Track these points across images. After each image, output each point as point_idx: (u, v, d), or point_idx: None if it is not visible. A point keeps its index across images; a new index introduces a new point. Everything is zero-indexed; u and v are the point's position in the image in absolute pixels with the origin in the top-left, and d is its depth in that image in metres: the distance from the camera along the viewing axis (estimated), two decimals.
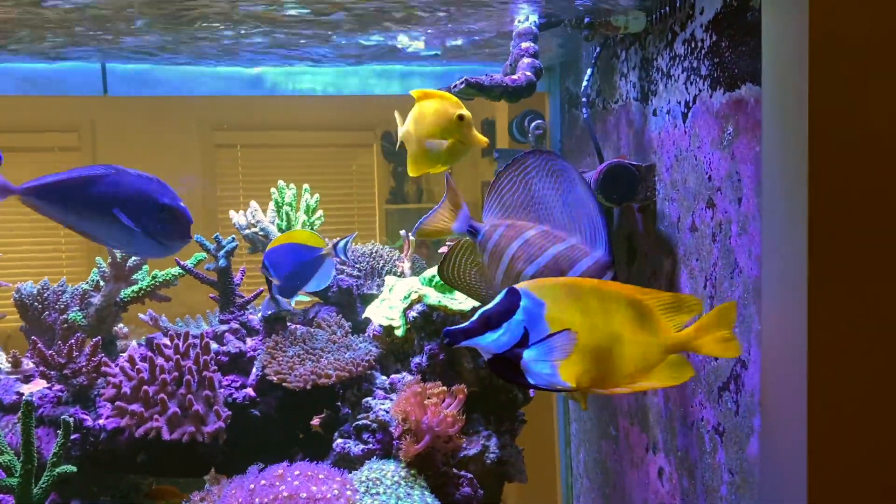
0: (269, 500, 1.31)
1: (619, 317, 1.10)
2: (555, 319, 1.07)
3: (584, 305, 1.09)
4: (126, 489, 1.75)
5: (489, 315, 1.07)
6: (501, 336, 1.06)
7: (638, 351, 1.10)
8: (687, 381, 1.61)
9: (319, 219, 1.90)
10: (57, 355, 1.58)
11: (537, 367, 1.06)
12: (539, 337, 1.07)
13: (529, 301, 1.07)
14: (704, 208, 1.51)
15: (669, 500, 1.73)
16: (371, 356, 1.63)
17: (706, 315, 1.16)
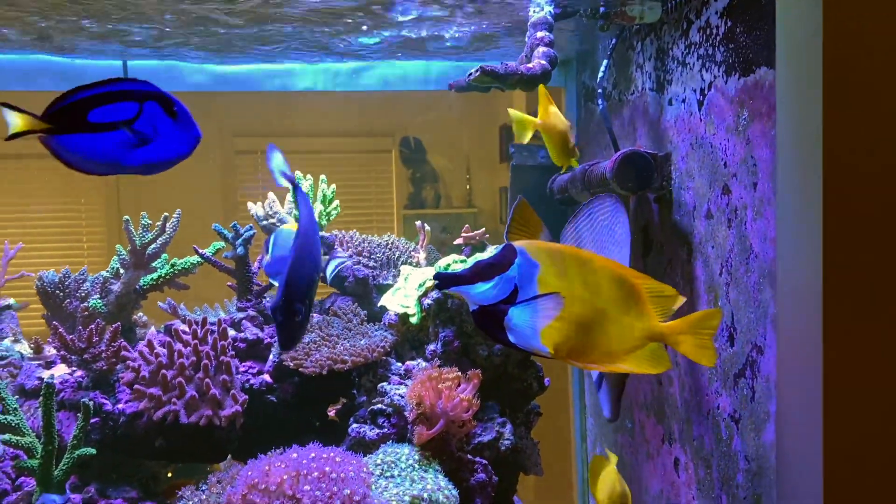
0: (284, 480, 1.32)
1: (608, 294, 1.10)
2: (546, 283, 1.07)
3: (576, 275, 1.09)
4: (145, 478, 1.76)
5: (483, 266, 1.07)
6: (491, 289, 1.06)
7: (621, 331, 1.10)
8: (703, 370, 1.61)
9: (336, 209, 1.92)
10: (78, 340, 1.60)
11: (520, 326, 1.06)
12: (528, 297, 1.07)
13: (525, 260, 1.08)
14: (720, 195, 1.51)
15: (685, 490, 1.73)
16: (387, 343, 1.64)
17: (692, 315, 1.16)
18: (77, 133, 1.01)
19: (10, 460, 1.60)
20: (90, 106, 1.01)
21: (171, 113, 1.03)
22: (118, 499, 1.59)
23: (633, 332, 1.10)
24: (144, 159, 1.04)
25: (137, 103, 1.02)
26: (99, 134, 1.01)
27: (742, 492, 1.47)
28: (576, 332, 1.08)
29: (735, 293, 1.46)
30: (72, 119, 1.01)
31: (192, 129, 1.04)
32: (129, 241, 1.78)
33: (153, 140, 1.03)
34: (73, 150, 1.02)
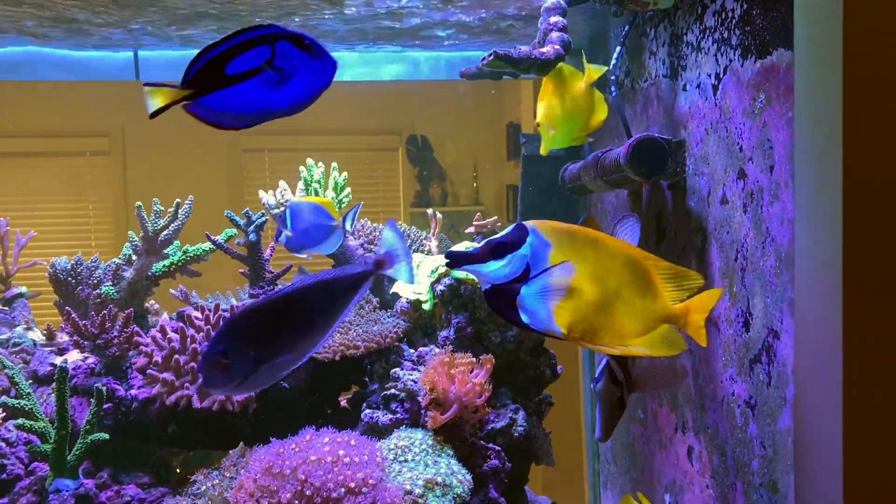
0: (297, 464, 1.32)
1: (621, 275, 1.09)
2: (558, 262, 1.07)
3: (589, 256, 1.08)
4: (157, 465, 1.76)
5: (495, 244, 1.06)
6: (504, 267, 1.05)
7: (633, 313, 1.10)
8: (717, 356, 1.59)
9: (347, 196, 1.91)
10: (90, 326, 1.60)
11: (533, 305, 1.05)
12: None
13: (537, 239, 1.07)
14: (735, 179, 1.50)
15: (699, 478, 1.72)
16: (399, 329, 1.64)
17: (697, 296, 1.15)
18: (220, 90, 1.01)
19: (23, 445, 1.60)
20: (226, 60, 1.00)
21: (304, 47, 1.02)
22: (130, 484, 1.59)
23: (646, 314, 1.09)
24: (290, 98, 1.04)
25: (269, 46, 1.01)
26: (242, 84, 1.01)
27: (758, 478, 1.46)
28: (589, 312, 1.08)
29: (751, 278, 1.45)
30: (211, 78, 1.00)
31: (328, 59, 1.03)
32: (141, 227, 1.78)
33: (294, 76, 1.03)
34: (219, 108, 1.02)
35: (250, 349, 1.10)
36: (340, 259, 1.93)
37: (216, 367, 1.09)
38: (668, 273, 1.12)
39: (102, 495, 1.55)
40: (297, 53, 1.02)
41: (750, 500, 1.48)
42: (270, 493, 1.31)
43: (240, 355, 1.10)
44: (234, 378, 1.10)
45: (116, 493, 1.56)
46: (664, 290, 1.12)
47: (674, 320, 1.11)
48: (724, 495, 1.59)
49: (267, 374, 1.12)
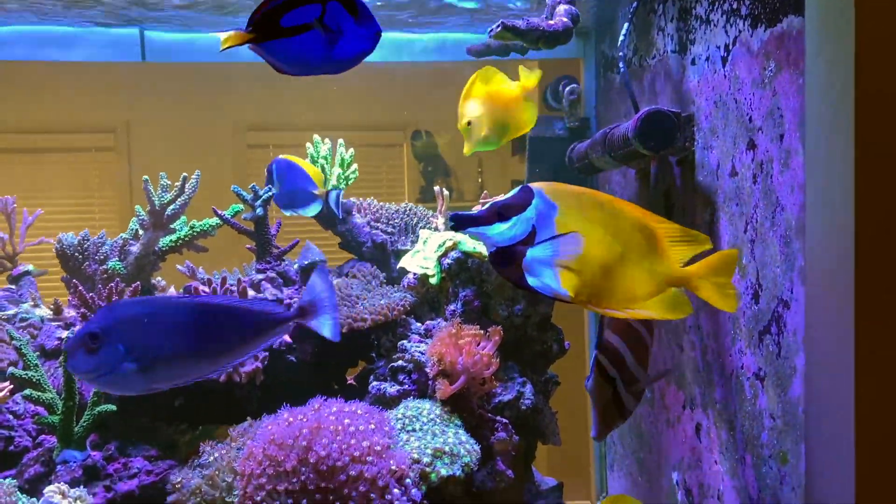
0: (305, 432, 1.32)
1: (628, 237, 1.08)
2: (564, 225, 1.05)
3: (595, 218, 1.07)
4: (163, 446, 1.76)
5: (500, 206, 1.05)
6: (509, 229, 1.04)
7: (640, 275, 1.08)
8: (726, 331, 1.59)
9: (354, 173, 1.91)
10: (97, 298, 1.60)
11: (538, 268, 1.04)
12: (545, 238, 1.05)
13: (542, 201, 1.06)
14: (745, 150, 1.49)
15: (707, 454, 1.71)
16: (406, 302, 1.63)
17: (710, 257, 1.13)
18: (275, 39, 1.08)
19: (30, 418, 1.60)
20: (282, 12, 1.07)
21: (353, 11, 1.07)
22: (138, 457, 1.59)
23: (653, 276, 1.08)
24: (334, 57, 1.09)
25: (320, 4, 1.07)
26: (294, 37, 1.08)
27: (767, 450, 1.45)
28: (595, 275, 1.06)
29: (760, 249, 1.44)
30: (269, 27, 1.07)
31: (374, 26, 1.08)
32: (147, 201, 1.78)
33: (340, 38, 1.08)
34: (274, 54, 1.09)
35: (121, 343, 1.03)
36: (347, 237, 1.93)
37: (81, 347, 1.02)
38: (677, 236, 1.11)
39: (110, 467, 1.55)
40: (346, 16, 1.07)
41: (759, 473, 1.47)
42: (277, 461, 1.31)
43: (110, 347, 1.02)
44: (98, 368, 1.03)
45: (124, 465, 1.56)
46: (673, 252, 1.11)
47: (683, 283, 1.09)
48: (732, 470, 1.59)
49: (133, 380, 1.04)
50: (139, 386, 1.07)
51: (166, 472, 1.56)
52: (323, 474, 1.27)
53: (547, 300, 1.74)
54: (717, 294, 1.11)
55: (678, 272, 1.09)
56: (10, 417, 1.58)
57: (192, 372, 1.10)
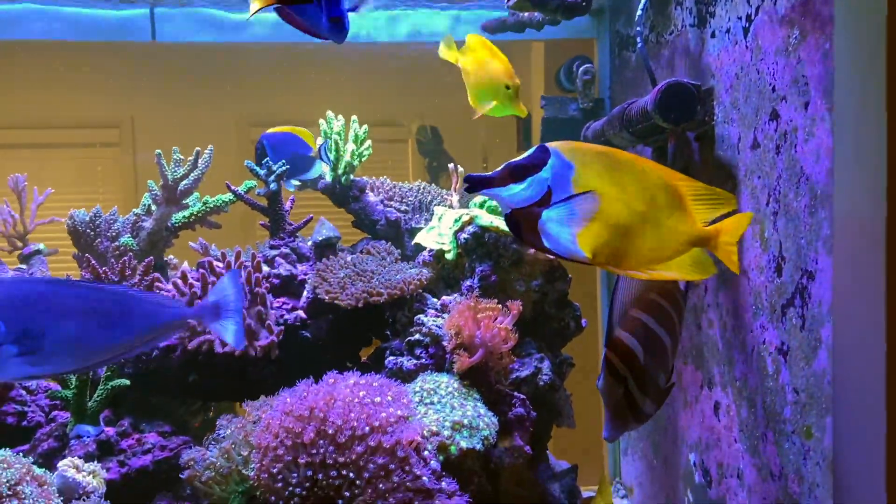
0: (321, 406, 1.30)
1: (649, 196, 1.04)
2: (582, 185, 1.02)
3: (614, 177, 1.03)
4: (177, 421, 1.74)
5: (515, 167, 1.02)
6: (524, 190, 1.01)
7: (662, 236, 1.05)
8: (747, 306, 1.56)
9: (368, 149, 1.89)
10: (110, 272, 1.59)
11: (555, 229, 1.01)
12: (562, 198, 1.02)
13: (558, 161, 1.02)
14: (767, 121, 1.46)
15: (726, 433, 1.69)
16: (423, 276, 1.61)
17: (728, 218, 1.11)
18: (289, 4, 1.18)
19: (43, 394, 1.59)
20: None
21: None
22: (151, 433, 1.57)
23: (676, 236, 1.05)
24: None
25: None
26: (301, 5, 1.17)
27: (790, 426, 1.43)
28: (614, 236, 1.03)
29: (783, 221, 1.42)
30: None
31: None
32: (160, 176, 1.76)
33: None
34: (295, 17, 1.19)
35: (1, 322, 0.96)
36: (361, 214, 1.91)
37: None
38: (701, 194, 1.08)
39: (123, 442, 1.54)
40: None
41: (781, 450, 1.45)
42: (294, 433, 1.29)
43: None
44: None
45: (137, 441, 1.55)
46: (696, 211, 1.08)
47: (704, 243, 1.07)
48: (753, 448, 1.56)
49: (10, 364, 0.98)
50: (16, 371, 1.00)
51: (180, 447, 1.55)
52: (340, 446, 1.25)
53: (564, 277, 1.72)
54: (724, 254, 1.09)
55: (702, 231, 1.06)
56: (23, 393, 1.57)
57: (77, 360, 1.03)
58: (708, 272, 1.08)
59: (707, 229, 1.07)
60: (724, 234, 1.08)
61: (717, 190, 1.09)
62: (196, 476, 1.42)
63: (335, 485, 1.24)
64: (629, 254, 1.03)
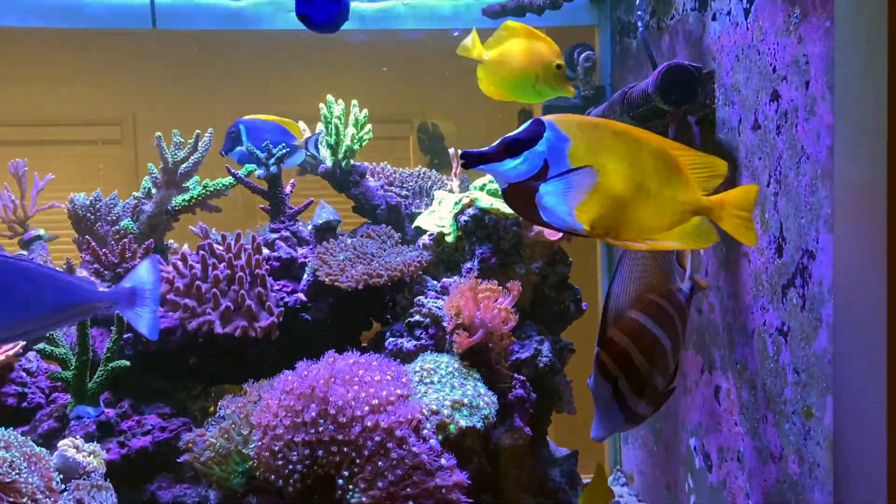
0: (321, 385, 1.30)
1: (646, 167, 1.04)
2: (578, 157, 1.02)
3: (611, 148, 1.03)
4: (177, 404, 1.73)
5: (510, 141, 1.02)
6: (520, 164, 1.01)
7: (661, 206, 1.05)
8: (747, 289, 1.56)
9: (368, 133, 1.88)
10: (110, 254, 1.58)
11: (552, 203, 1.01)
12: (559, 172, 1.02)
13: (554, 134, 1.02)
14: (768, 102, 1.46)
15: (727, 417, 1.68)
16: (423, 258, 1.61)
17: (734, 190, 1.11)
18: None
19: (43, 375, 1.59)
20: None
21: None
22: (151, 414, 1.57)
23: (675, 206, 1.05)
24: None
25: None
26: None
27: (790, 406, 1.43)
28: (613, 207, 1.03)
29: (784, 201, 1.42)
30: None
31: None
32: (161, 158, 1.76)
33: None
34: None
35: None
36: (361, 199, 1.91)
37: None
38: (697, 163, 1.08)
39: (123, 424, 1.54)
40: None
41: (782, 431, 1.45)
42: (294, 412, 1.29)
43: None
44: None
45: (137, 422, 1.55)
46: (697, 181, 1.08)
47: (706, 212, 1.06)
48: (753, 430, 1.56)
49: None
50: None
51: (180, 428, 1.55)
52: (340, 424, 1.25)
53: (564, 260, 1.72)
54: (738, 227, 1.09)
55: (702, 201, 1.06)
56: (23, 375, 1.57)
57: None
58: (710, 240, 1.08)
59: (709, 199, 1.07)
60: (730, 205, 1.08)
61: (714, 158, 1.09)
62: (196, 457, 1.42)
63: (335, 461, 1.24)
64: (628, 225, 1.03)
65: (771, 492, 1.49)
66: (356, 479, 1.24)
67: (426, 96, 3.12)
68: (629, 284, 1.23)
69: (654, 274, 1.28)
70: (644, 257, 1.26)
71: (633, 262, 1.25)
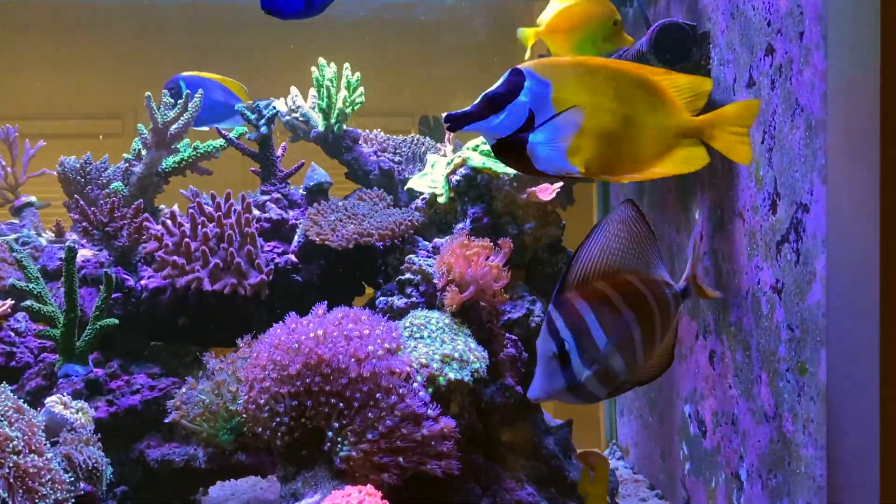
0: (309, 338, 1.29)
1: (630, 98, 1.04)
2: (562, 100, 1.01)
3: (593, 85, 1.03)
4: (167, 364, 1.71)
5: (492, 96, 1.01)
6: (505, 119, 1.01)
7: (650, 134, 1.04)
8: (742, 249, 1.55)
9: (360, 96, 1.87)
10: (99, 213, 1.57)
11: (544, 151, 1.01)
12: (545, 119, 1.01)
13: (534, 82, 1.02)
14: (763, 57, 1.44)
15: (721, 381, 1.67)
16: (414, 218, 1.60)
17: (728, 105, 1.11)
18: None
19: (31, 336, 1.57)
20: None
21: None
22: (140, 374, 1.56)
23: (665, 131, 1.05)
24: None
25: None
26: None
27: (784, 364, 1.41)
28: (604, 144, 1.03)
29: (778, 157, 1.40)
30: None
31: None
32: (150, 118, 1.74)
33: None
34: None
35: None
36: (354, 165, 1.89)
37: None
38: (680, 85, 1.07)
39: (112, 383, 1.53)
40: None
41: (776, 389, 1.44)
42: (282, 366, 1.28)
43: None
44: None
45: (126, 382, 1.54)
46: (684, 104, 1.07)
47: (696, 133, 1.06)
48: (747, 391, 1.55)
49: None
50: None
51: (169, 387, 1.54)
52: (327, 376, 1.24)
53: (557, 222, 1.70)
54: (732, 144, 1.08)
55: (690, 122, 1.05)
56: (11, 334, 1.56)
57: None
58: (702, 161, 1.07)
59: (698, 119, 1.06)
60: (726, 121, 1.07)
61: (696, 77, 1.08)
62: (184, 414, 1.41)
63: (324, 413, 1.23)
64: (622, 159, 1.03)
65: (765, 452, 1.48)
66: (345, 430, 1.23)
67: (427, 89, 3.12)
68: (603, 255, 1.09)
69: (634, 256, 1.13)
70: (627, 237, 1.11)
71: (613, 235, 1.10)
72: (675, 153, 1.06)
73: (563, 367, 1.08)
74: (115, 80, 2.78)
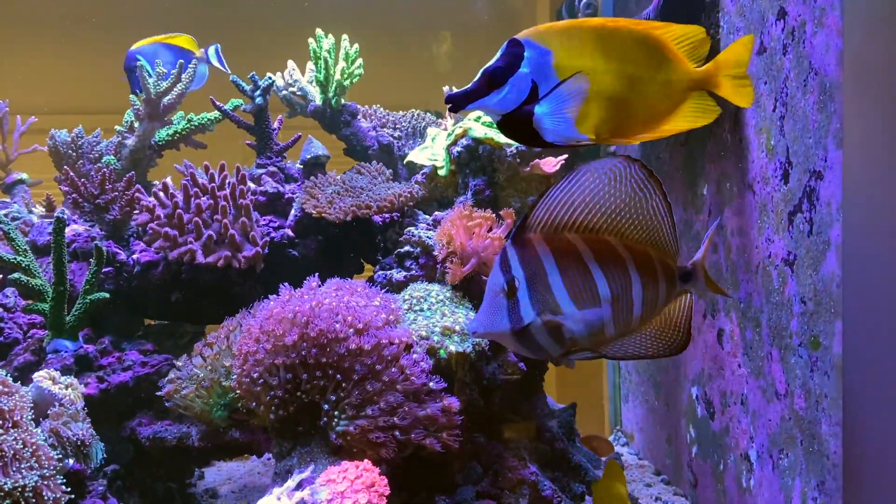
0: (304, 309, 1.24)
1: (634, 56, 1.00)
2: (564, 67, 0.97)
3: (593, 48, 0.98)
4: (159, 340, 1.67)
5: (492, 71, 0.97)
6: (508, 93, 0.97)
7: (657, 91, 1.00)
8: (752, 222, 1.50)
9: (359, 68, 1.82)
10: (90, 184, 1.52)
11: (551, 122, 0.97)
12: (549, 89, 0.97)
13: (534, 51, 0.97)
14: (774, 22, 1.39)
15: (730, 360, 1.62)
16: (414, 190, 1.55)
17: (725, 50, 1.07)
18: None
19: (20, 312, 1.53)
20: None
21: None
22: (132, 350, 1.51)
23: (672, 86, 1.01)
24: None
25: None
26: None
27: (797, 339, 1.37)
28: (612, 108, 0.99)
29: (790, 124, 1.35)
30: None
31: None
32: (143, 89, 1.69)
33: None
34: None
35: None
36: (353, 140, 1.85)
37: None
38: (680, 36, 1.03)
39: (103, 360, 1.48)
40: None
41: (787, 366, 1.39)
42: (276, 336, 1.23)
43: None
44: None
45: (118, 359, 1.49)
46: (687, 56, 1.03)
47: (703, 84, 1.02)
48: (757, 369, 1.50)
49: None
50: None
51: (162, 364, 1.49)
52: (323, 347, 1.19)
53: None
54: (737, 87, 1.04)
55: (696, 74, 1.01)
56: (0, 310, 1.51)
57: None
58: (713, 113, 1.03)
59: (702, 70, 1.02)
60: (724, 68, 1.03)
61: (694, 27, 1.04)
62: (177, 390, 1.37)
63: (319, 386, 1.18)
64: (631, 120, 0.99)
65: (776, 431, 1.43)
66: (343, 404, 1.18)
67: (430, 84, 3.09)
68: (580, 204, 0.96)
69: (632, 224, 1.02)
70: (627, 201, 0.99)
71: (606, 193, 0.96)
72: (684, 108, 1.01)
73: (510, 306, 0.97)
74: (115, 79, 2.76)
